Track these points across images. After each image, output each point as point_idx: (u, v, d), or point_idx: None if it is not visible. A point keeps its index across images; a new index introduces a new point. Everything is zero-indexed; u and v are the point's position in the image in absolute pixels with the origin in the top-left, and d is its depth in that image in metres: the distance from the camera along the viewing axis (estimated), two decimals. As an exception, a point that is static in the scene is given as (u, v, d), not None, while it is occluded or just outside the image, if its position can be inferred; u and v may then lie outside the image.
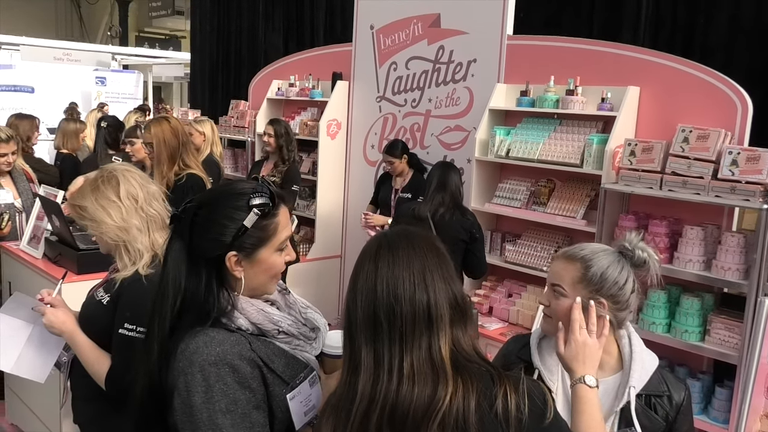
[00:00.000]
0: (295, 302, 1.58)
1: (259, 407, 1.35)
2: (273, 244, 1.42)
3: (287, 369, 1.41)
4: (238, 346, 1.34)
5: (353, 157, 5.71)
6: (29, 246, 3.62)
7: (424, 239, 1.26)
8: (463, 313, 1.23)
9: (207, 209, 1.40)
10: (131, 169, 2.13)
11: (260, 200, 1.39)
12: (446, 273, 1.23)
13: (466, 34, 4.75)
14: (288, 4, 7.08)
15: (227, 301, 1.39)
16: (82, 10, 19.50)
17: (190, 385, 1.30)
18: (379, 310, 1.19)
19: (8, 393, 3.86)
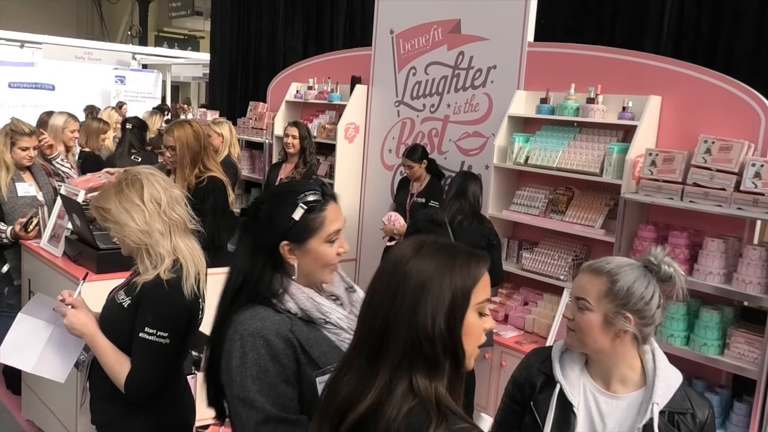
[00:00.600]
0: (359, 301, 1.68)
1: (288, 382, 1.50)
2: (321, 236, 1.58)
3: (324, 356, 1.54)
4: (278, 324, 1.52)
5: (370, 161, 5.71)
6: (49, 244, 3.65)
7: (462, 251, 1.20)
8: (431, 361, 1.13)
9: (267, 205, 1.61)
10: (155, 172, 2.14)
11: (309, 197, 1.58)
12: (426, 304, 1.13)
13: (487, 40, 4.74)
14: (308, 8, 7.10)
15: (280, 284, 1.57)
16: (102, 9, 19.69)
17: (231, 350, 1.51)
18: (360, 308, 1.22)
19: (25, 389, 3.90)
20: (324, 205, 1.59)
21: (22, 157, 3.96)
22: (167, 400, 2.14)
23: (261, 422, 1.47)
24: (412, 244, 1.20)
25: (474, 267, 1.17)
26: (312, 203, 1.57)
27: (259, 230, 1.59)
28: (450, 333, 1.13)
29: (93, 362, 2.18)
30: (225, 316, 1.59)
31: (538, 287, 4.33)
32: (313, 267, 1.60)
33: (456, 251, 1.19)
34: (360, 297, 1.71)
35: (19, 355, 2.30)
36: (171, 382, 2.14)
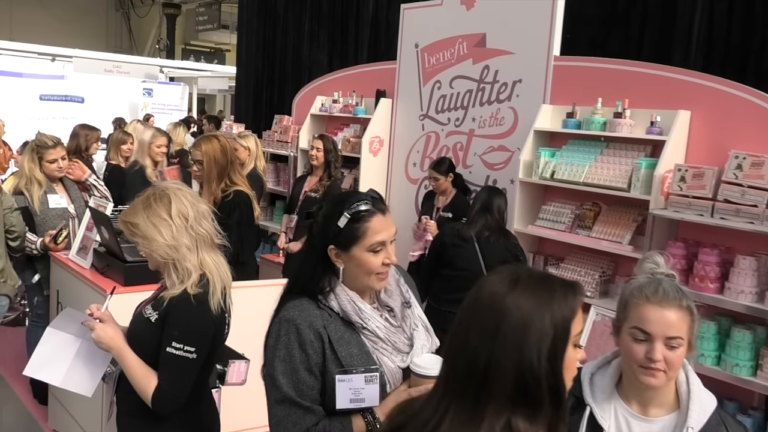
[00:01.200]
0: (410, 317, 1.77)
1: (310, 371, 1.62)
2: (364, 245, 1.66)
3: (351, 357, 1.63)
4: (314, 317, 1.64)
5: (395, 174, 5.71)
6: (78, 256, 3.69)
7: (564, 286, 1.12)
8: (534, 401, 1.05)
9: (324, 210, 1.73)
10: (182, 187, 2.15)
11: (356, 207, 1.66)
12: (530, 342, 1.05)
13: (512, 54, 4.73)
14: (333, 22, 7.15)
15: (328, 283, 1.69)
16: (131, 23, 20.02)
17: (271, 330, 1.68)
18: (449, 345, 1.13)
19: (51, 400, 3.93)
20: (370, 216, 1.66)
21: (53, 169, 4.03)
22: (192, 414, 2.14)
23: (278, 401, 1.63)
24: (506, 278, 1.13)
25: (571, 299, 1.10)
26: (357, 213, 1.66)
27: (316, 233, 1.72)
28: (554, 370, 1.06)
29: (120, 377, 2.19)
30: (280, 304, 1.72)
31: (564, 303, 4.27)
32: (357, 272, 1.68)
33: (553, 284, 1.12)
34: (414, 314, 1.78)
35: (47, 370, 2.31)
36: (196, 396, 2.14)
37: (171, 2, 17.88)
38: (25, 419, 4.12)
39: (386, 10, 6.44)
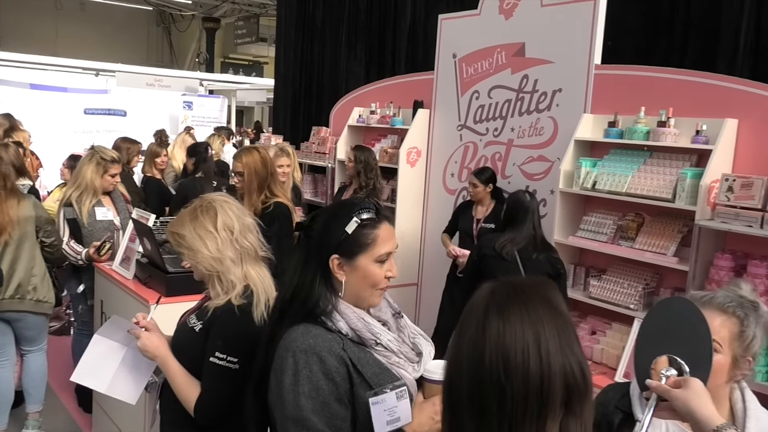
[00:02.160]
0: (406, 327, 1.70)
1: (341, 401, 1.48)
2: (372, 254, 1.57)
3: (376, 377, 1.52)
4: (330, 342, 1.50)
5: (432, 185, 5.70)
6: (121, 266, 3.76)
7: (539, 297, 1.07)
8: (580, 393, 1.03)
9: (322, 218, 1.62)
10: (228, 200, 2.17)
11: (364, 213, 1.58)
12: (564, 340, 1.02)
13: (552, 63, 4.68)
14: (370, 34, 7.19)
15: (329, 301, 1.55)
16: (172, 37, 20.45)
17: (283, 368, 1.49)
18: (486, 386, 1.02)
19: (96, 408, 4.00)
20: (378, 223, 1.60)
21: (111, 183, 4.15)
22: (235, 424, 2.14)
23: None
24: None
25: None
26: (367, 219, 1.58)
27: (312, 243, 1.60)
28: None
29: (164, 386, 2.21)
30: (275, 332, 1.59)
31: (607, 316, 4.19)
32: (361, 286, 1.59)
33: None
34: (408, 323, 1.70)
35: (93, 376, 2.35)
36: (240, 406, 2.14)
37: (210, 16, 18.23)
38: (70, 427, 4.20)
39: (423, 20, 6.45)
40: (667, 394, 1.34)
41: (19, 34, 16.88)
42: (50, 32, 17.54)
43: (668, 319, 1.42)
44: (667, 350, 1.39)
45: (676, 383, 1.35)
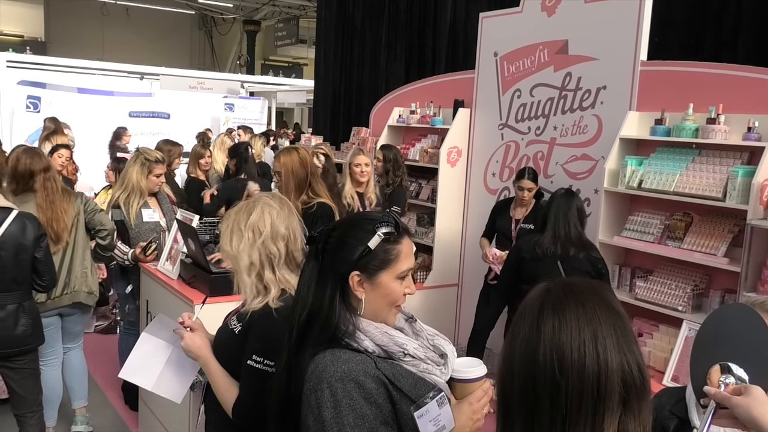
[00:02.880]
0: (422, 329, 1.64)
1: (386, 423, 1.41)
2: (393, 271, 1.51)
3: (414, 389, 1.46)
4: (363, 364, 1.42)
5: (473, 185, 5.65)
6: (166, 267, 3.81)
7: (595, 296, 1.06)
8: (638, 392, 1.02)
9: (339, 231, 1.53)
10: (273, 203, 2.11)
11: (386, 228, 1.50)
12: (622, 339, 1.02)
13: (596, 60, 4.59)
14: (410, 34, 7.17)
15: (350, 321, 1.47)
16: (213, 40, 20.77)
17: (320, 401, 1.39)
18: (539, 383, 1.01)
19: (141, 406, 4.07)
20: (400, 238, 1.53)
21: (156, 183, 4.21)
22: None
23: None
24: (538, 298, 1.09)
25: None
26: (390, 234, 1.51)
27: (328, 258, 1.51)
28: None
29: (208, 386, 2.23)
30: (293, 359, 1.50)
31: (654, 318, 4.10)
32: (380, 304, 1.52)
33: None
34: (422, 326, 1.64)
35: (140, 374, 2.38)
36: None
37: (251, 19, 18.44)
38: (116, 424, 4.28)
39: (464, 19, 6.41)
40: (728, 402, 1.29)
41: (67, 40, 17.36)
42: (97, 38, 17.99)
43: (726, 325, 1.37)
44: (725, 357, 1.34)
45: (735, 390, 1.29)
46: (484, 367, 1.58)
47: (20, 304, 3.17)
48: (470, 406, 1.53)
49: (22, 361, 3.22)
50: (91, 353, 5.37)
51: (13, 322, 3.13)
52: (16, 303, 3.15)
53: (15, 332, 3.14)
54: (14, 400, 3.26)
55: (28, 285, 3.21)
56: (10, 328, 3.12)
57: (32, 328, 3.21)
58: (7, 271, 3.11)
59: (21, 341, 3.18)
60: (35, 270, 3.21)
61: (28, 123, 9.52)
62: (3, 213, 3.10)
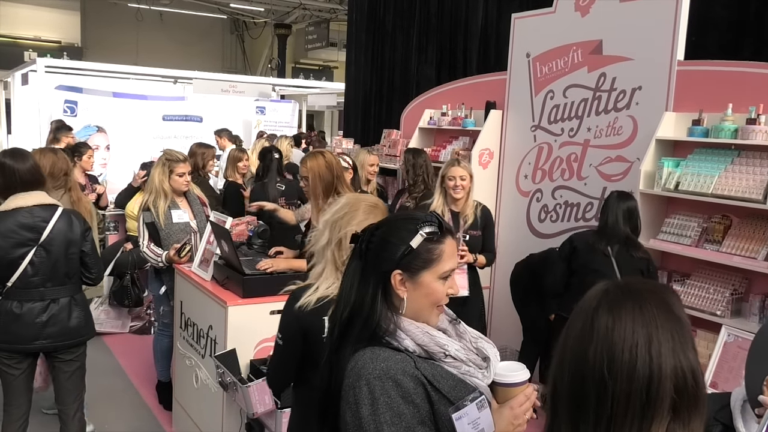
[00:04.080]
0: (466, 331, 1.63)
1: (423, 423, 1.40)
2: (436, 270, 1.50)
3: (454, 390, 1.45)
4: (402, 363, 1.42)
5: (505, 187, 5.60)
6: (199, 268, 3.84)
7: (655, 298, 1.04)
8: (691, 400, 0.99)
9: (382, 230, 1.54)
10: (376, 210, 2.17)
11: (429, 227, 1.51)
12: (678, 344, 1.00)
13: (631, 60, 4.52)
14: (441, 36, 7.15)
15: (391, 320, 1.47)
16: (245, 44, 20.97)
17: (358, 398, 1.40)
18: (588, 381, 0.99)
19: (175, 405, 4.11)
20: (443, 237, 1.53)
21: (181, 182, 4.24)
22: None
23: None
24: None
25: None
26: (433, 233, 1.51)
27: (370, 257, 1.51)
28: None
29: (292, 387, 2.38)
30: (334, 356, 1.51)
31: (691, 323, 4.00)
32: (423, 304, 1.51)
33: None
34: (467, 328, 1.63)
35: None
36: (296, 397, 2.26)
37: (282, 23, 18.57)
38: (151, 423, 4.33)
39: (496, 21, 6.37)
40: None
41: (103, 45, 17.68)
42: (131, 43, 18.29)
43: None
44: None
45: None
46: (526, 371, 1.56)
47: (72, 297, 3.27)
48: (511, 410, 1.52)
49: (75, 354, 3.32)
50: (126, 353, 5.47)
51: (67, 314, 3.23)
52: (68, 296, 3.25)
53: (69, 324, 3.23)
54: (60, 395, 3.34)
55: (78, 278, 3.31)
56: (64, 321, 3.22)
57: (85, 320, 3.31)
58: (59, 266, 3.20)
59: (76, 333, 3.27)
60: (83, 263, 3.30)
61: (66, 127, 9.71)
62: (50, 210, 3.18)
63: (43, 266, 3.16)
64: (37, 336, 3.19)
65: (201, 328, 3.64)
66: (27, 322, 3.17)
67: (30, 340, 3.19)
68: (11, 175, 3.15)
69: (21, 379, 3.27)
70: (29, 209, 3.14)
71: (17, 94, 10.92)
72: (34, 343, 3.21)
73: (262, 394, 2.94)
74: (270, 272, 3.45)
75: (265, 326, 3.37)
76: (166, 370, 4.49)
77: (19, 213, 3.13)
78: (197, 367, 3.70)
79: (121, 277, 5.73)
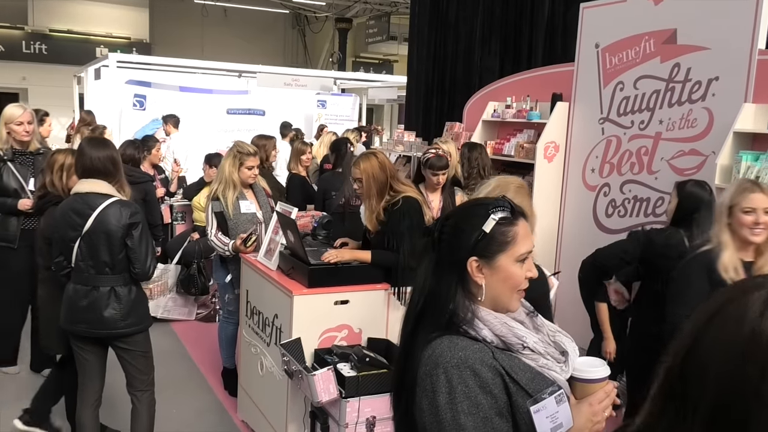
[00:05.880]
0: (543, 324, 1.60)
1: (501, 414, 1.38)
2: (512, 253, 1.48)
3: (532, 383, 1.42)
4: (480, 353, 1.40)
5: (571, 181, 5.48)
6: (265, 258, 3.90)
7: None
8: None
9: (454, 219, 1.54)
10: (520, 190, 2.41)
11: (500, 211, 1.50)
12: None
13: (707, 50, 4.35)
14: (506, 28, 7.03)
15: (468, 309, 1.46)
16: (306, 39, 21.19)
17: (435, 386, 1.38)
18: (737, 393, 0.84)
19: (240, 392, 4.19)
20: (516, 220, 1.51)
21: (248, 176, 4.32)
22: None
23: None
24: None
25: None
26: (505, 217, 1.50)
27: (444, 246, 1.50)
28: None
29: None
30: (409, 345, 1.50)
31: None
32: (502, 289, 1.49)
33: None
34: (544, 321, 1.60)
35: None
36: None
37: (343, 17, 18.68)
38: (217, 409, 4.42)
39: (563, 11, 6.23)
40: None
41: (170, 41, 18.17)
42: (197, 38, 18.73)
43: None
44: None
45: None
46: (607, 368, 1.52)
47: (113, 289, 3.22)
48: (590, 407, 1.48)
49: (127, 343, 3.31)
50: (192, 340, 5.61)
51: (104, 304, 3.20)
52: (109, 286, 3.21)
53: (104, 314, 3.20)
54: (126, 378, 3.41)
55: (121, 271, 3.24)
56: (99, 310, 3.19)
57: (122, 313, 3.23)
58: (101, 255, 3.18)
59: (110, 324, 3.22)
60: (128, 257, 3.24)
61: (135, 120, 10.03)
62: (101, 199, 3.20)
63: (87, 252, 3.19)
64: (78, 320, 3.24)
65: (266, 317, 3.69)
66: (73, 305, 3.24)
67: (74, 322, 3.25)
68: (81, 161, 3.24)
69: (92, 362, 3.35)
70: (84, 195, 3.20)
71: (90, 89, 11.32)
72: (77, 326, 3.25)
73: (327, 382, 2.97)
74: (335, 263, 3.47)
75: (329, 316, 3.40)
76: (231, 357, 4.58)
77: (75, 198, 3.22)
78: (262, 354, 3.76)
79: (188, 266, 5.89)
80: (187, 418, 4.25)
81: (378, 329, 3.49)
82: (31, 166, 4.48)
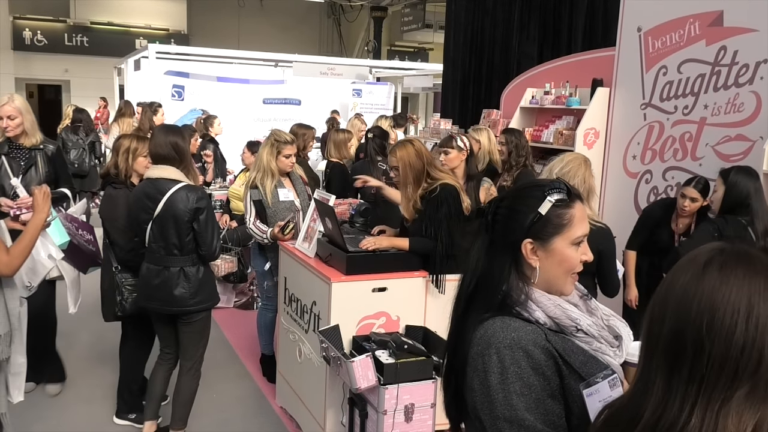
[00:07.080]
0: (597, 308, 1.57)
1: (554, 396, 1.36)
2: (568, 236, 1.45)
3: (585, 366, 1.40)
4: (533, 334, 1.38)
5: (612, 168, 5.38)
6: (303, 245, 3.91)
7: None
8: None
9: (509, 201, 1.50)
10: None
11: (557, 193, 1.46)
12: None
13: (756, 31, 4.21)
14: (545, 12, 6.92)
15: (522, 290, 1.43)
16: (341, 28, 21.18)
17: (487, 366, 1.36)
18: (687, 336, 0.99)
19: (279, 378, 4.22)
20: (572, 202, 1.47)
21: (287, 164, 4.34)
22: None
23: None
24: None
25: None
26: (561, 199, 1.46)
27: (499, 228, 1.48)
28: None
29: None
30: (460, 326, 1.48)
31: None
32: (556, 271, 1.46)
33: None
34: (598, 305, 1.58)
35: None
36: None
37: (378, 5, 18.60)
38: (256, 395, 4.47)
39: (603, -5, 6.10)
40: None
41: (207, 32, 18.34)
42: (233, 28, 18.86)
43: None
44: None
45: None
46: None
47: (183, 269, 3.45)
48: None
49: (187, 320, 3.53)
50: (231, 327, 5.68)
51: (174, 283, 3.43)
52: (178, 267, 3.45)
53: (174, 293, 3.43)
54: (180, 349, 3.64)
55: (189, 252, 3.47)
56: (170, 289, 3.43)
57: (191, 292, 3.46)
58: (170, 237, 3.41)
59: (180, 302, 3.45)
60: (195, 239, 3.46)
61: (174, 110, 10.16)
62: (170, 184, 3.41)
63: (159, 234, 3.42)
64: (151, 297, 3.51)
65: (305, 304, 3.71)
66: (147, 283, 3.51)
67: (147, 299, 3.53)
68: (152, 147, 3.48)
69: (167, 333, 3.65)
70: (154, 181, 3.43)
71: (129, 80, 11.50)
72: (150, 302, 3.53)
73: (365, 369, 2.97)
74: (373, 250, 3.46)
75: (368, 303, 3.40)
76: (269, 344, 4.62)
77: (147, 183, 3.46)
78: (301, 341, 3.79)
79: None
80: (226, 404, 4.30)
81: (416, 317, 3.48)
82: (24, 160, 4.02)
